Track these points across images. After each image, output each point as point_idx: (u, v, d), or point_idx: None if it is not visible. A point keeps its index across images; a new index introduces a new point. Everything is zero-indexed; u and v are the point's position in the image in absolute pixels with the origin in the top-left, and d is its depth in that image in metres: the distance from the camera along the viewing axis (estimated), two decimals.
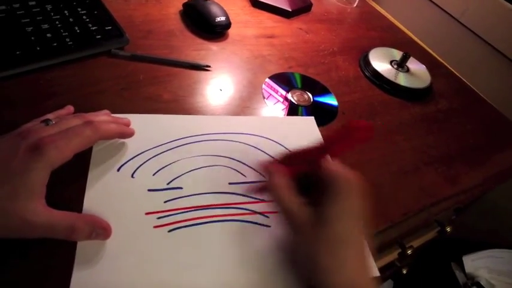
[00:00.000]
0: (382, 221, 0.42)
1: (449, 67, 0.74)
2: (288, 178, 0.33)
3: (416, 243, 0.66)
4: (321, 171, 0.33)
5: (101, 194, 0.35)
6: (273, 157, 0.43)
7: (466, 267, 0.85)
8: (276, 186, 0.33)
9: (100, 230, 0.32)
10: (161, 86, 0.49)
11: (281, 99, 0.53)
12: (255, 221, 0.37)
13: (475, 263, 0.85)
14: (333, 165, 0.33)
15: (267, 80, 0.55)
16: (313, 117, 0.51)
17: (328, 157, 0.34)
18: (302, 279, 0.32)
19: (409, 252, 0.56)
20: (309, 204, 0.32)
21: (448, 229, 0.61)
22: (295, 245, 0.32)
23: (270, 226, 0.37)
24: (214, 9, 0.60)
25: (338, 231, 0.29)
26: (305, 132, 0.49)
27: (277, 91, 0.54)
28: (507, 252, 0.87)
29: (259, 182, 0.41)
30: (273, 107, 0.51)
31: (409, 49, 0.66)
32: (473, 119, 0.62)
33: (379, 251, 0.42)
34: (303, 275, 0.31)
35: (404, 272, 0.65)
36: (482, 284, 0.82)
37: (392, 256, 0.62)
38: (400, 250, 0.58)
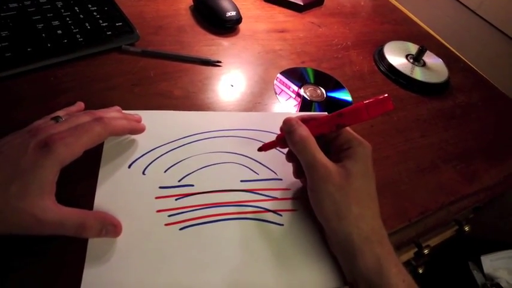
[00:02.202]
0: (398, 221, 0.41)
1: (467, 61, 0.71)
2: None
3: (433, 242, 0.64)
4: (338, 133, 0.36)
5: (112, 191, 0.35)
6: (285, 154, 0.42)
7: (484, 268, 0.83)
8: (304, 138, 0.34)
9: (110, 227, 0.31)
10: (172, 82, 0.48)
11: (293, 95, 0.52)
12: (268, 219, 0.36)
13: (494, 264, 0.83)
14: (348, 130, 0.36)
15: (279, 75, 0.54)
16: (326, 113, 0.49)
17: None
18: (329, 227, 0.33)
19: (425, 251, 0.55)
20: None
21: (467, 228, 0.59)
22: (325, 194, 0.33)
23: (283, 225, 0.36)
24: (225, 4, 0.59)
25: (363, 185, 0.33)
26: None
27: (290, 87, 0.53)
28: None
29: (271, 179, 0.40)
30: (285, 102, 0.50)
31: (425, 42, 0.64)
32: (493, 114, 0.60)
33: (394, 250, 0.40)
34: (331, 222, 0.33)
35: (420, 271, 0.63)
36: (502, 285, 0.79)
37: (408, 255, 0.61)
38: (416, 249, 0.56)
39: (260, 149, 0.40)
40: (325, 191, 0.33)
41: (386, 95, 0.33)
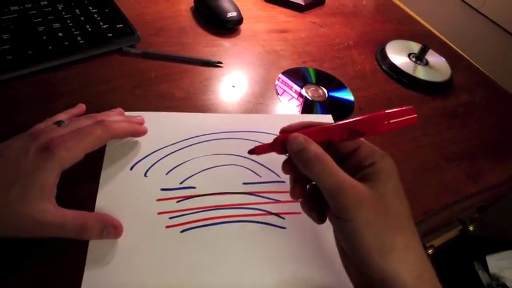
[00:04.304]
0: None
1: (470, 59, 0.71)
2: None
3: (437, 242, 0.64)
4: (356, 147, 0.30)
5: (114, 193, 0.35)
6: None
7: (490, 268, 0.82)
8: (319, 156, 0.27)
9: (111, 229, 0.31)
10: (173, 83, 0.48)
11: (295, 95, 0.52)
12: (270, 222, 0.36)
13: (500, 263, 0.82)
14: (367, 142, 0.30)
15: (280, 75, 0.54)
16: (330, 116, 0.49)
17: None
18: (369, 265, 0.26)
19: (429, 251, 0.54)
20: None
21: (471, 228, 0.59)
22: (362, 223, 0.26)
23: (285, 228, 0.36)
24: (226, 5, 0.59)
25: (401, 208, 0.27)
26: None
27: (291, 87, 0.53)
28: None
29: (274, 181, 0.40)
30: (286, 103, 0.50)
31: (428, 41, 0.64)
32: (497, 113, 0.59)
33: None
34: (372, 259, 0.26)
35: None
36: (508, 285, 0.79)
37: None
38: None
39: (251, 152, 0.33)
40: (361, 220, 0.26)
41: (411, 106, 0.28)
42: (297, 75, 0.55)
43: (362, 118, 0.29)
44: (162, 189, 0.36)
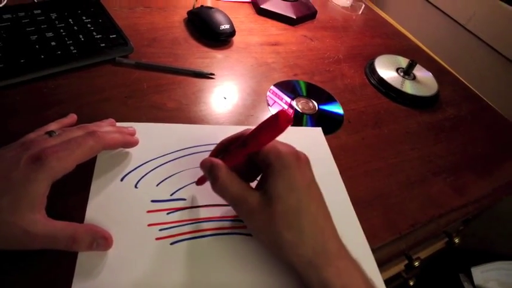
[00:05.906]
0: (389, 233, 0.41)
1: (456, 74, 0.73)
2: (228, 168, 0.32)
3: (423, 254, 0.65)
4: (257, 153, 0.33)
5: (104, 204, 0.35)
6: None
7: (475, 279, 0.83)
8: (217, 180, 0.32)
9: (101, 240, 0.31)
10: (165, 94, 0.48)
11: (286, 107, 0.52)
12: None
13: (485, 275, 0.83)
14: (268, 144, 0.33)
15: (272, 87, 0.55)
16: (320, 128, 0.50)
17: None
18: (279, 258, 0.32)
19: (416, 264, 0.55)
20: (257, 187, 0.33)
21: (456, 240, 0.60)
22: (256, 229, 0.32)
23: None
24: (219, 17, 0.60)
25: (290, 205, 0.30)
26: (312, 144, 0.48)
27: (282, 99, 0.53)
28: None
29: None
30: None
31: (416, 56, 0.65)
32: (482, 127, 0.61)
33: (385, 263, 0.41)
34: (276, 254, 0.32)
35: (411, 283, 0.63)
36: None
37: (398, 268, 0.61)
38: (406, 262, 0.57)
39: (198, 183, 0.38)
40: (254, 227, 0.32)
41: (281, 110, 0.30)
42: (288, 88, 0.56)
43: (249, 137, 0.32)
44: (153, 201, 0.36)
